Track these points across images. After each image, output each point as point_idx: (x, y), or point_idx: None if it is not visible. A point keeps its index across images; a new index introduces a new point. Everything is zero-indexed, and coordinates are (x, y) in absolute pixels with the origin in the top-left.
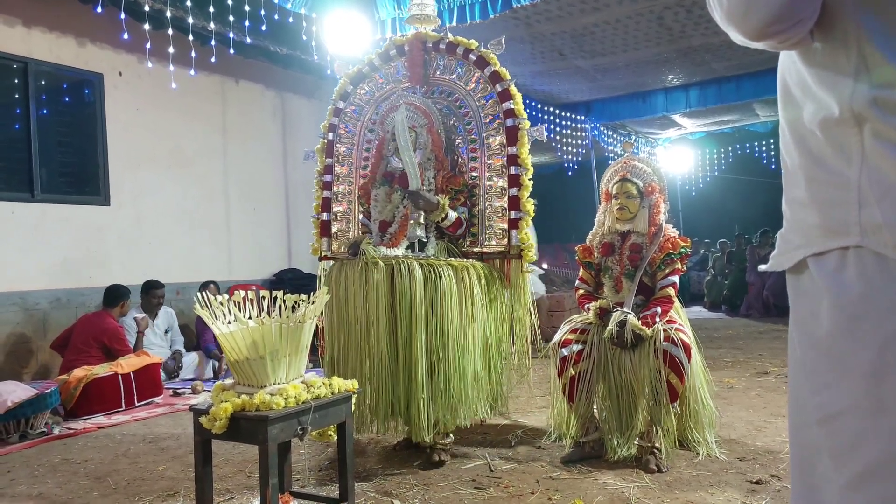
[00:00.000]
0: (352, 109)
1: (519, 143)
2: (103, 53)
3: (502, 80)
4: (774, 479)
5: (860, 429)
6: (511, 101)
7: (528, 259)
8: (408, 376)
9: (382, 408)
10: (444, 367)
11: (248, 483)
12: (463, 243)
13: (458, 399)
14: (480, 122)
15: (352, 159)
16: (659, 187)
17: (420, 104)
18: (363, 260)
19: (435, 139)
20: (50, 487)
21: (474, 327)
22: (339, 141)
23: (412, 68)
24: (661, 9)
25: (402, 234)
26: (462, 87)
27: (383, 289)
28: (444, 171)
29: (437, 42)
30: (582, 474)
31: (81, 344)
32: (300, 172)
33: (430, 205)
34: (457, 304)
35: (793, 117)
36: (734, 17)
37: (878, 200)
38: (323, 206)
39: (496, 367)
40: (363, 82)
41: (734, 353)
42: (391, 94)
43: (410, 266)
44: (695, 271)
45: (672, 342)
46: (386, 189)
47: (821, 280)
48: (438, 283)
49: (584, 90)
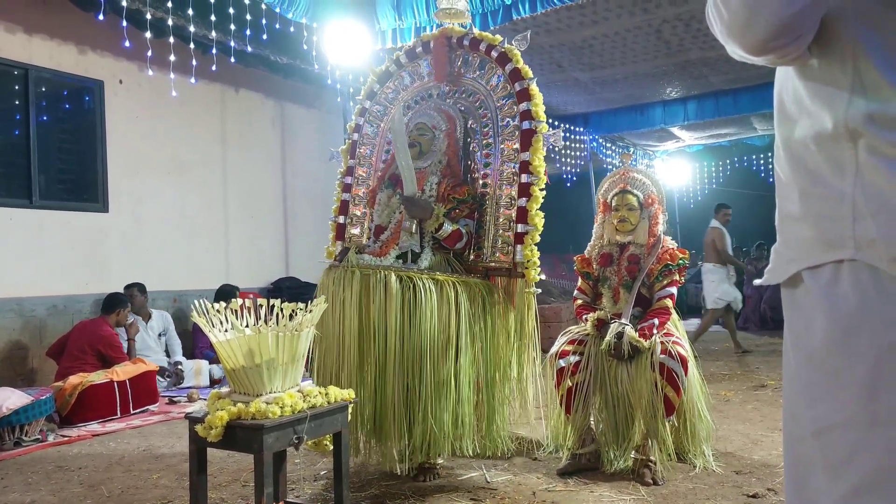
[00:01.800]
0: (377, 109)
1: (533, 148)
2: (104, 61)
3: (522, 78)
4: (771, 492)
5: (855, 442)
6: (529, 102)
7: (531, 279)
8: (379, 400)
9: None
10: (420, 393)
11: (242, 492)
12: (468, 257)
13: (437, 430)
14: (497, 125)
15: (372, 161)
16: (658, 198)
17: (446, 108)
18: (344, 266)
19: (451, 145)
20: (43, 495)
21: (460, 351)
22: (362, 142)
23: (437, 65)
24: (660, 23)
25: (393, 242)
26: (483, 86)
27: (355, 301)
28: (450, 178)
29: (462, 38)
30: (578, 486)
31: (77, 351)
32: (299, 181)
33: (422, 212)
34: (437, 323)
35: (788, 132)
36: (735, 31)
37: (873, 214)
38: (341, 209)
39: (490, 401)
40: (389, 80)
41: (731, 366)
42: (417, 94)
43: (386, 277)
44: (692, 283)
45: (669, 355)
46: (389, 192)
47: (815, 293)
48: (415, 298)
49: (582, 102)
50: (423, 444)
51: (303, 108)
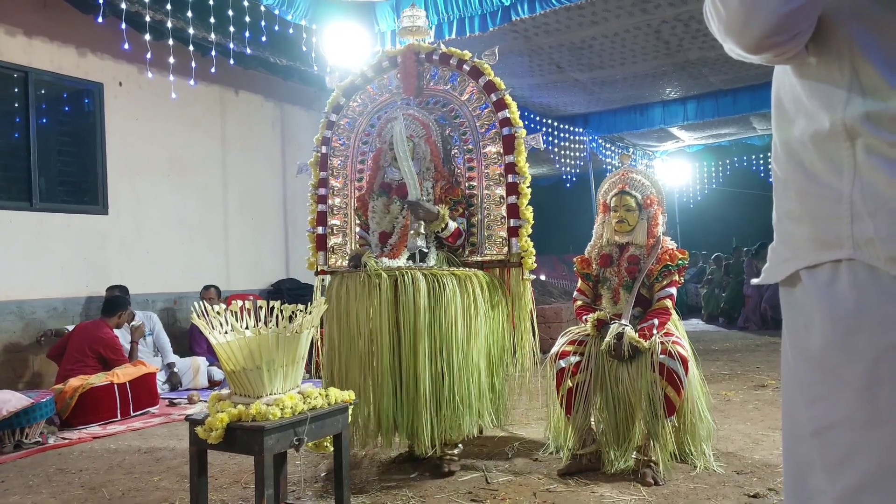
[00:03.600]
0: (345, 122)
1: (516, 151)
2: (104, 63)
3: (497, 89)
4: (772, 492)
5: (854, 442)
6: (507, 111)
7: (527, 267)
8: (412, 389)
9: (386, 422)
10: (448, 379)
11: (243, 494)
12: (462, 253)
13: (463, 410)
14: (476, 132)
15: (346, 171)
16: (657, 199)
17: (418, 114)
18: (366, 272)
19: (433, 149)
20: (44, 498)
21: (478, 337)
22: (332, 154)
23: (406, 79)
24: (659, 23)
25: (402, 245)
26: (457, 98)
27: (387, 301)
28: (442, 181)
29: (431, 53)
30: (579, 487)
31: (77, 353)
32: (299, 183)
33: (430, 215)
34: (461, 313)
35: (785, 131)
36: (733, 29)
37: (871, 214)
38: (318, 220)
39: (498, 377)
40: (356, 94)
41: (731, 366)
42: (388, 105)
43: (414, 277)
44: (692, 284)
45: (669, 355)
46: (384, 200)
47: (813, 293)
48: (442, 293)
49: (582, 103)
50: (451, 422)
51: (302, 109)
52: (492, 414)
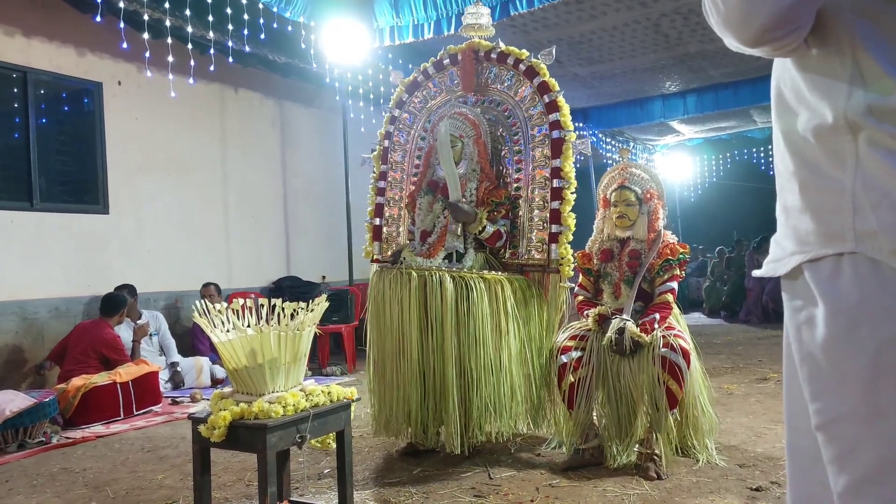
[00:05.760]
0: (406, 117)
1: (563, 155)
2: (102, 63)
3: (550, 90)
4: (775, 485)
5: (857, 435)
6: (558, 113)
7: (565, 274)
8: (439, 385)
9: (415, 415)
10: (476, 379)
11: (246, 492)
12: (503, 255)
13: (493, 410)
14: (527, 133)
15: (404, 166)
16: (657, 193)
17: (469, 114)
18: (399, 269)
19: (481, 150)
20: (48, 497)
21: (508, 340)
22: (393, 148)
23: (464, 77)
24: (658, 16)
25: (440, 245)
26: (511, 98)
27: (416, 298)
28: (487, 183)
29: (489, 51)
30: (581, 481)
31: (80, 354)
32: (299, 179)
33: (467, 217)
34: (488, 316)
35: (787, 124)
36: (732, 22)
37: (874, 207)
38: (376, 212)
39: (535, 381)
40: (417, 90)
41: (733, 359)
42: (444, 104)
43: (442, 278)
44: (693, 277)
45: (671, 349)
46: (429, 199)
47: (816, 286)
48: (469, 296)
49: (581, 97)
50: (479, 420)
51: (302, 106)
52: (529, 417)
